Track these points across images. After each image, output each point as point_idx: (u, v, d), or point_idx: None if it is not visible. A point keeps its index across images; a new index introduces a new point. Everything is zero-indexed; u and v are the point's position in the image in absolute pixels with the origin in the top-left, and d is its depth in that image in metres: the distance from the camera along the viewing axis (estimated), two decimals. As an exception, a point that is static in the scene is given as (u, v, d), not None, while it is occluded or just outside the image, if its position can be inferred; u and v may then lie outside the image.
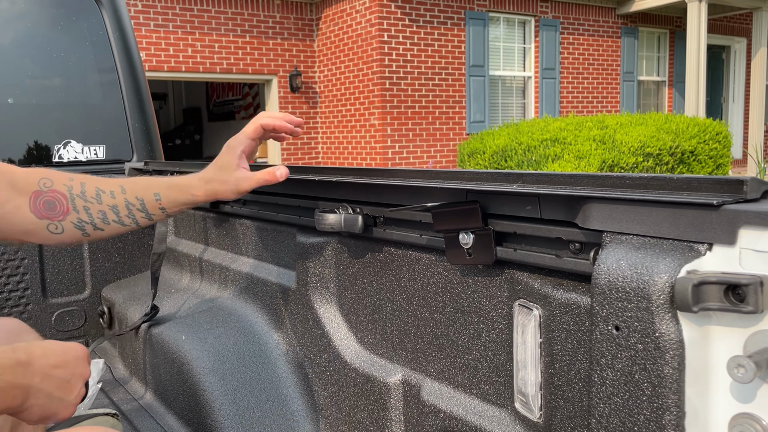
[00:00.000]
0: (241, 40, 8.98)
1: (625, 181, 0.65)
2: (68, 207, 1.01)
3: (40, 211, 1.00)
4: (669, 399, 0.59)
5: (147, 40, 8.27)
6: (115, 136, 2.05)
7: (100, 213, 1.03)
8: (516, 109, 10.38)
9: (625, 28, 11.18)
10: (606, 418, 0.64)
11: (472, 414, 0.96)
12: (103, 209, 1.04)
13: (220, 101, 12.18)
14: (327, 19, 9.42)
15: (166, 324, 1.55)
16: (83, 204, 1.03)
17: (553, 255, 0.80)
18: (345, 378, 1.22)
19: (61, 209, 1.01)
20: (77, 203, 1.02)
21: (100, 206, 1.04)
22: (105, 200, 1.04)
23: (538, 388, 0.84)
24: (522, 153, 7.55)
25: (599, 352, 0.65)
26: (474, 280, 0.96)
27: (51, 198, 1.01)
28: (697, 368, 0.59)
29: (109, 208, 1.04)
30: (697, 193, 0.60)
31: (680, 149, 7.79)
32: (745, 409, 0.59)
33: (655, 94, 12.07)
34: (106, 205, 1.04)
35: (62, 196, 1.02)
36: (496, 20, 9.89)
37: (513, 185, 0.79)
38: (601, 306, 0.64)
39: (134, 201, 1.05)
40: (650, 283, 0.59)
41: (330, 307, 1.28)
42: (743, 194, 0.57)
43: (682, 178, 0.60)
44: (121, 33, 2.09)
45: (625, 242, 0.65)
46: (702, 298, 0.57)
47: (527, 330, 0.86)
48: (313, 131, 9.83)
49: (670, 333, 0.58)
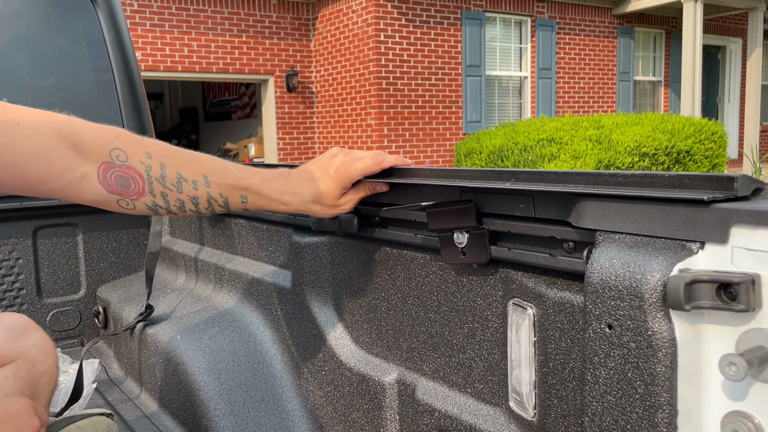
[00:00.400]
0: (238, 39, 8.97)
1: (617, 179, 0.66)
2: (143, 189, 0.93)
3: (110, 185, 0.92)
4: (661, 397, 0.59)
5: (143, 40, 8.26)
6: (111, 136, 2.05)
7: (178, 202, 0.96)
8: (512, 109, 10.39)
9: (621, 28, 11.20)
10: (599, 416, 0.65)
11: (467, 413, 0.96)
12: (182, 198, 0.96)
13: (216, 101, 12.17)
14: (323, 18, 9.42)
15: (161, 324, 1.54)
16: (161, 190, 0.94)
17: (547, 254, 0.81)
18: (340, 377, 1.22)
19: (135, 189, 0.93)
20: (155, 188, 0.94)
21: (180, 195, 0.96)
22: (186, 190, 0.96)
23: (532, 387, 0.84)
24: (518, 153, 7.56)
25: (592, 351, 0.65)
26: (469, 280, 0.96)
27: (124, 174, 0.92)
28: (690, 366, 0.59)
29: (189, 199, 0.96)
30: (689, 190, 0.60)
31: (676, 149, 7.82)
32: (738, 407, 0.59)
33: (651, 94, 12.10)
34: (186, 195, 0.96)
35: (138, 176, 0.93)
36: (493, 20, 9.90)
37: (506, 183, 0.79)
38: (594, 304, 0.65)
39: (217, 197, 0.97)
40: (643, 282, 0.60)
41: (325, 306, 1.27)
42: (734, 191, 0.57)
43: (674, 176, 0.61)
44: (116, 32, 2.09)
45: (618, 241, 0.66)
46: (694, 296, 0.57)
47: (521, 329, 0.86)
48: (309, 131, 9.83)
49: (662, 331, 0.59)
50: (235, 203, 0.99)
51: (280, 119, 9.51)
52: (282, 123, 9.53)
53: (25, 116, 0.87)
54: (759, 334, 0.56)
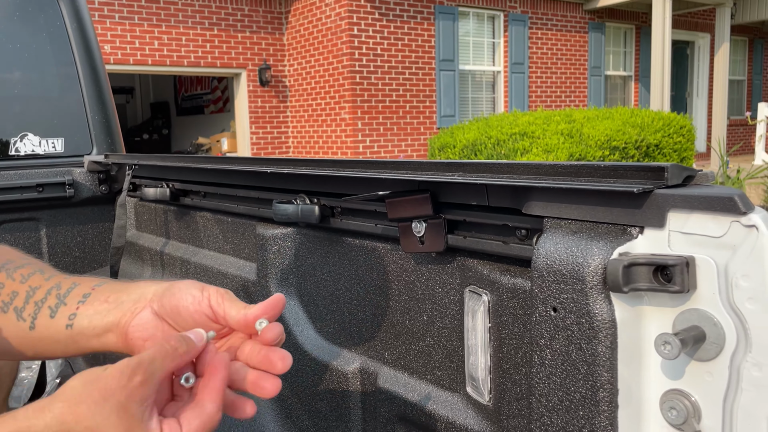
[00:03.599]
0: (209, 33, 8.87)
1: (558, 169, 0.67)
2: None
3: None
4: (603, 377, 0.61)
5: (111, 33, 8.13)
6: (74, 129, 2.02)
7: (11, 294, 0.73)
8: (486, 103, 10.46)
9: (592, 23, 11.33)
10: (545, 396, 0.66)
11: (426, 399, 0.98)
12: (17, 289, 0.73)
13: (188, 95, 12.03)
14: (296, 12, 9.36)
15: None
16: (2, 280, 0.73)
17: (501, 242, 0.82)
18: (305, 368, 1.23)
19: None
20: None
21: (19, 286, 0.73)
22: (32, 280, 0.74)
23: (487, 372, 0.86)
24: (492, 147, 7.61)
25: (538, 333, 0.67)
26: (427, 268, 0.98)
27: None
28: (630, 347, 0.61)
29: (26, 291, 0.73)
30: (623, 180, 0.62)
31: (645, 143, 7.95)
32: (675, 385, 0.61)
33: (621, 89, 12.27)
34: (28, 285, 0.73)
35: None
36: (466, 15, 9.95)
37: (454, 174, 0.81)
38: (540, 288, 0.66)
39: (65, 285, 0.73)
40: (584, 266, 0.61)
41: (290, 298, 1.28)
42: (664, 181, 0.59)
43: (609, 166, 0.63)
44: (79, 24, 2.06)
45: (563, 227, 0.67)
46: (632, 279, 0.59)
47: (477, 315, 0.87)
48: (283, 125, 9.78)
49: (603, 313, 0.60)
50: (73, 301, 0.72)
51: (253, 113, 9.44)
52: (255, 117, 9.46)
53: None
54: (694, 314, 0.58)
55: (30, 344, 0.72)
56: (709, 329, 0.57)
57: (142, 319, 0.67)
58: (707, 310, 0.57)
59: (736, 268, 0.56)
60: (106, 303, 0.70)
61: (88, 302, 0.70)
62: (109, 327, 0.68)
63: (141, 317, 0.68)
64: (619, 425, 0.61)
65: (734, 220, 0.55)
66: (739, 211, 0.55)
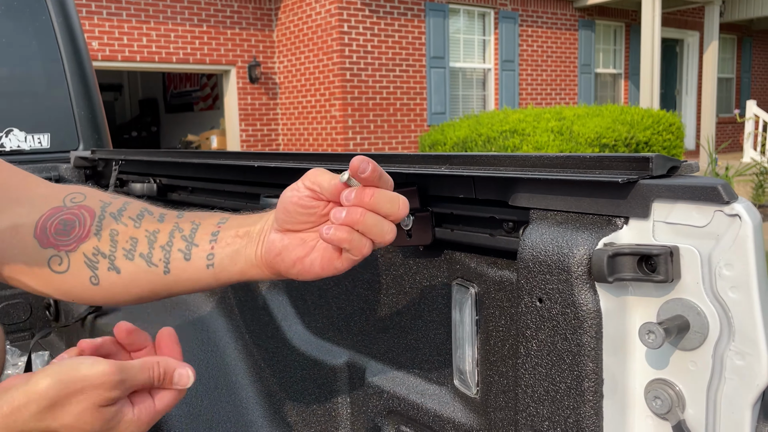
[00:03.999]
0: (198, 29, 8.83)
1: (544, 161, 0.67)
2: (89, 230, 0.72)
3: (47, 235, 0.71)
4: (588, 367, 0.61)
5: (99, 29, 8.07)
6: (61, 125, 2.00)
7: (130, 241, 0.72)
8: (476, 100, 10.48)
9: (582, 20, 11.37)
10: (531, 387, 0.67)
11: (414, 393, 0.98)
12: (136, 236, 0.72)
13: (177, 92, 11.97)
14: (286, 9, 9.33)
15: (112, 314, 1.52)
16: (112, 226, 0.72)
17: (488, 234, 0.82)
18: (293, 363, 1.22)
19: (78, 233, 0.72)
20: (104, 225, 0.72)
21: (136, 231, 0.73)
22: (146, 224, 0.74)
23: (474, 365, 0.86)
24: (482, 144, 7.63)
25: (524, 324, 0.67)
26: (415, 262, 0.98)
27: (71, 216, 0.72)
28: (615, 337, 0.61)
29: (145, 235, 0.73)
30: (609, 171, 0.62)
31: (635, 140, 7.99)
32: (660, 375, 0.61)
33: (611, 86, 12.33)
34: (144, 230, 0.73)
35: (89, 214, 0.73)
36: (456, 12, 9.95)
37: (441, 167, 0.80)
38: (526, 279, 0.66)
39: (185, 226, 0.74)
40: (569, 256, 0.62)
41: (278, 293, 1.28)
42: (649, 171, 0.59)
43: (595, 157, 0.63)
44: (65, 19, 2.04)
45: (549, 218, 0.67)
46: (617, 269, 0.59)
47: (464, 308, 0.87)
48: (273, 123, 9.75)
49: (588, 303, 0.61)
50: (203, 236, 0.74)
51: (243, 111, 9.40)
52: (245, 114, 9.43)
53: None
54: (678, 303, 0.59)
55: (165, 287, 0.75)
56: (692, 318, 0.58)
57: (269, 242, 0.71)
58: (691, 300, 0.58)
59: (719, 257, 0.56)
60: (238, 238, 0.73)
61: (220, 240, 0.73)
62: (251, 261, 0.72)
63: (268, 241, 0.71)
64: (605, 415, 0.61)
65: (717, 209, 0.55)
66: (723, 201, 0.55)
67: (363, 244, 0.65)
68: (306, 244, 0.70)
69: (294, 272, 0.71)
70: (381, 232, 0.65)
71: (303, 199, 0.67)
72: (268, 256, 0.71)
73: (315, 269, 0.70)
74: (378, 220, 0.65)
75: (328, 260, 0.69)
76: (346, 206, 0.64)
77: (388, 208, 0.65)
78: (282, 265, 0.70)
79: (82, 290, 0.73)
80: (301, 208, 0.68)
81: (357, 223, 0.64)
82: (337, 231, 0.64)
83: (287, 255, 0.70)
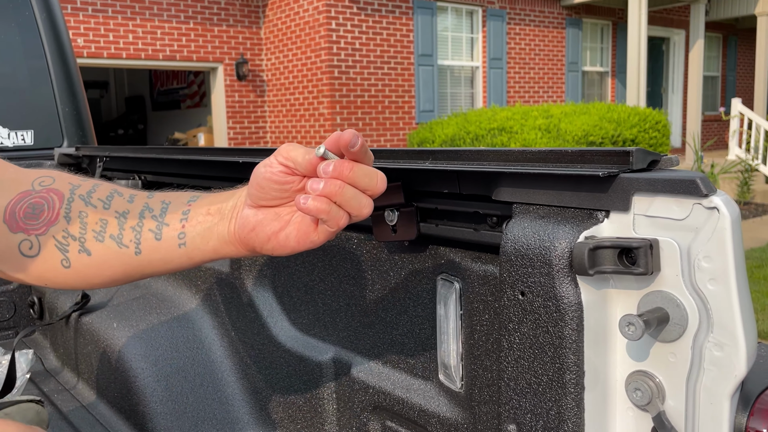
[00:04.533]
0: (185, 26, 8.77)
1: (526, 155, 0.68)
2: (58, 213, 0.71)
3: (16, 221, 0.70)
4: (569, 359, 0.61)
5: (85, 26, 8.00)
6: (44, 122, 1.98)
7: (100, 223, 0.71)
8: (464, 98, 10.49)
9: (570, 19, 11.42)
10: (514, 380, 0.67)
11: (400, 388, 0.98)
12: (105, 218, 0.71)
13: (164, 90, 11.89)
14: (274, 6, 9.30)
15: (97, 312, 1.51)
16: (81, 208, 0.71)
17: (472, 229, 0.83)
18: (279, 359, 1.22)
19: (47, 216, 0.71)
20: (73, 207, 0.71)
21: (104, 213, 0.72)
22: (116, 204, 0.72)
23: (459, 359, 0.87)
24: (470, 142, 7.65)
25: (507, 318, 0.67)
26: (400, 257, 0.98)
27: (40, 200, 0.71)
28: (596, 329, 0.62)
29: (115, 217, 0.72)
30: (590, 165, 0.62)
31: (622, 138, 8.04)
32: (640, 367, 0.62)
33: (598, 84, 12.39)
34: (114, 210, 0.72)
35: (57, 198, 0.72)
36: (444, 10, 9.96)
37: (426, 162, 0.81)
38: (508, 273, 0.67)
39: (155, 206, 0.73)
40: (551, 249, 0.62)
41: (264, 289, 1.27)
42: (629, 165, 0.60)
43: (576, 151, 0.63)
44: (48, 14, 2.02)
45: (531, 212, 0.68)
46: (598, 262, 0.59)
47: (449, 303, 0.88)
48: (261, 120, 9.71)
49: (569, 296, 0.61)
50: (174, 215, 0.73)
51: (231, 108, 9.36)
52: (232, 112, 9.39)
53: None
54: (657, 296, 0.59)
55: (137, 268, 0.73)
56: (672, 310, 0.58)
57: (242, 218, 0.70)
58: (670, 292, 0.58)
59: (698, 249, 0.56)
60: (209, 216, 0.72)
61: (191, 218, 0.72)
62: (223, 238, 0.71)
63: (241, 216, 0.70)
64: (586, 407, 0.62)
65: (696, 202, 0.56)
66: (701, 194, 0.55)
67: (340, 216, 0.65)
68: (281, 218, 0.69)
69: (269, 247, 0.70)
70: (359, 205, 0.65)
71: (276, 175, 0.67)
72: (242, 232, 0.70)
73: (290, 243, 0.69)
74: (356, 192, 0.64)
75: (304, 233, 0.68)
76: (324, 179, 0.63)
77: (366, 182, 0.65)
78: (256, 240, 0.70)
79: (54, 274, 0.73)
80: (275, 184, 0.67)
81: (335, 195, 0.63)
82: (315, 201, 0.63)
83: (261, 230, 0.69)
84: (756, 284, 4.61)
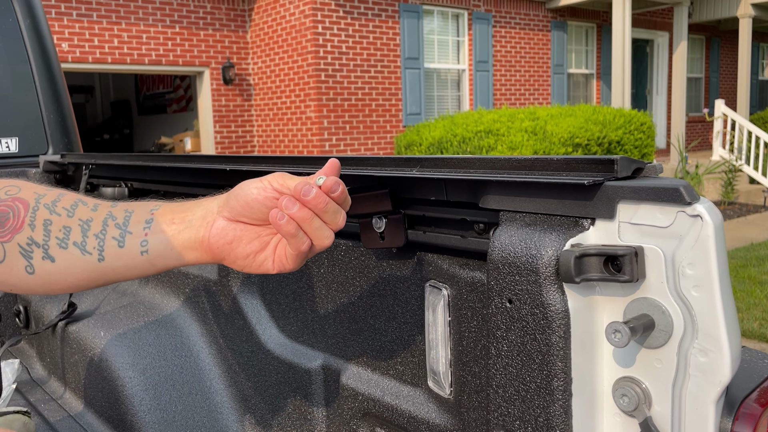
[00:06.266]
0: (171, 30, 8.73)
1: (513, 163, 0.68)
2: (23, 221, 0.72)
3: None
4: (557, 366, 0.62)
5: (69, 30, 7.93)
6: (29, 129, 1.97)
7: (63, 230, 0.73)
8: (451, 101, 10.52)
9: (555, 21, 11.49)
10: (502, 387, 0.67)
11: (389, 395, 0.98)
12: (69, 225, 0.73)
13: (150, 94, 11.82)
14: (260, 9, 9.28)
15: (84, 321, 1.50)
16: (46, 216, 0.73)
17: (459, 236, 0.83)
18: (268, 367, 1.22)
19: (12, 224, 0.72)
20: (38, 216, 0.72)
21: (68, 221, 0.73)
22: (80, 213, 0.74)
23: (448, 366, 0.87)
24: (457, 145, 7.67)
25: (495, 325, 0.68)
26: (388, 264, 0.98)
27: (5, 208, 0.73)
28: (583, 336, 0.62)
29: (78, 224, 0.73)
30: (576, 172, 0.63)
31: (607, 139, 8.10)
32: (627, 373, 0.62)
33: (584, 87, 12.47)
34: (77, 219, 0.73)
35: (22, 206, 0.73)
36: (430, 13, 9.98)
37: (413, 170, 0.81)
38: (496, 281, 0.67)
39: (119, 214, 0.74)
40: (538, 257, 0.62)
41: (252, 297, 1.27)
42: (614, 173, 0.60)
43: (562, 159, 0.64)
44: (32, 20, 2.00)
45: (518, 220, 0.68)
46: (584, 269, 0.60)
47: (437, 310, 0.88)
48: (248, 124, 9.68)
49: (556, 303, 0.61)
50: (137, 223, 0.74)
51: (217, 112, 9.32)
52: (219, 116, 9.35)
53: None
54: (643, 303, 0.60)
55: (101, 275, 0.75)
56: (657, 317, 0.59)
57: (218, 228, 0.72)
58: (656, 299, 0.59)
59: (682, 256, 0.57)
60: (173, 224, 0.74)
61: (154, 227, 0.74)
62: (188, 245, 0.73)
63: (217, 227, 0.73)
64: (574, 413, 0.62)
65: (680, 210, 0.57)
66: (685, 202, 0.56)
67: (303, 241, 0.69)
68: (261, 239, 0.72)
69: (241, 264, 0.73)
70: (322, 236, 0.69)
71: (269, 199, 0.70)
72: (216, 242, 0.72)
73: (267, 266, 0.72)
74: (322, 224, 0.69)
75: (280, 259, 0.72)
76: (300, 202, 0.67)
77: (332, 217, 0.69)
78: (231, 254, 0.72)
79: (18, 279, 0.74)
80: (266, 208, 0.70)
81: (304, 221, 0.68)
82: (287, 224, 0.67)
83: (239, 246, 0.72)
84: (741, 283, 4.66)
